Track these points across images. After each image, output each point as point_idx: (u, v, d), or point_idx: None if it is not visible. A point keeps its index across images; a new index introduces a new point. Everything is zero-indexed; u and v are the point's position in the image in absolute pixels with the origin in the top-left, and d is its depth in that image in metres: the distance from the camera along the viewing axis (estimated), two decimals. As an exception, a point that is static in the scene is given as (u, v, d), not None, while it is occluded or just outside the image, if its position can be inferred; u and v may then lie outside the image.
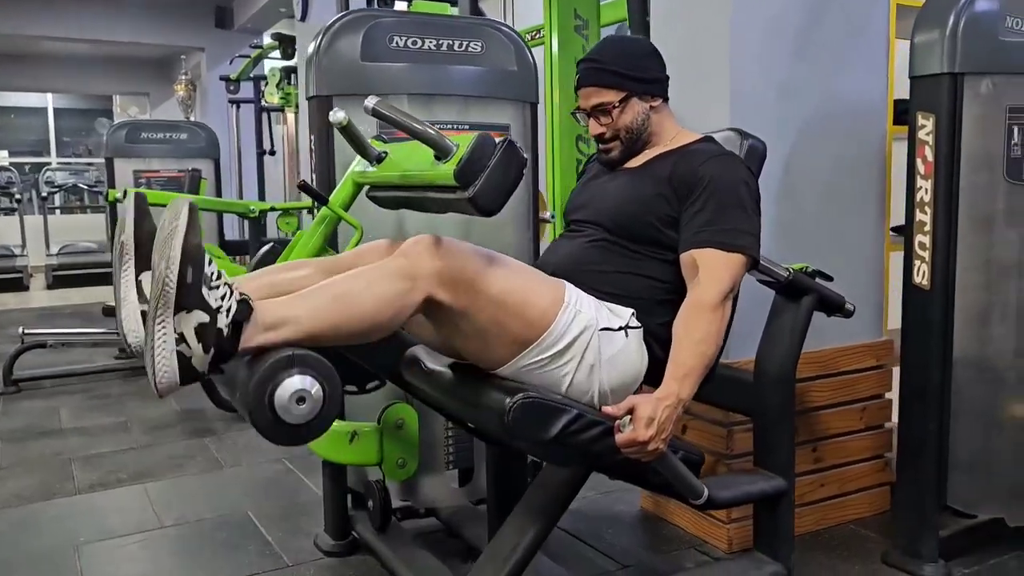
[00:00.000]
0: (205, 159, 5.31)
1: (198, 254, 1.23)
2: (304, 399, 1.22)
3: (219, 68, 8.03)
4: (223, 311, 1.24)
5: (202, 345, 1.22)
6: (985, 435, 2.14)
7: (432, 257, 1.38)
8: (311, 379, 1.23)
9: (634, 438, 1.38)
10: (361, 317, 1.35)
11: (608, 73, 1.69)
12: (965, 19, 1.99)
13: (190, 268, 1.20)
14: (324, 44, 2.19)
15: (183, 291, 1.20)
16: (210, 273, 1.24)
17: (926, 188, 2.06)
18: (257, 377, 1.22)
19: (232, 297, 1.26)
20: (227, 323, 1.25)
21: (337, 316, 1.34)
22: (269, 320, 1.30)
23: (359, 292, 1.35)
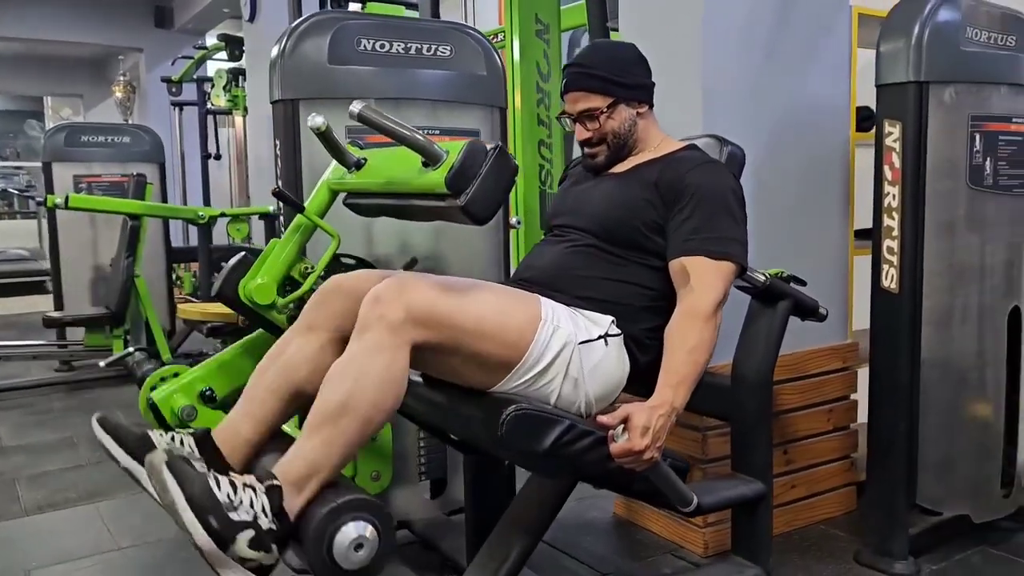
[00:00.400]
0: (149, 163, 5.13)
1: (207, 497, 1.21)
2: (362, 544, 1.25)
3: (159, 69, 7.79)
4: (261, 514, 1.24)
5: (263, 552, 1.23)
6: (950, 434, 2.19)
7: (397, 306, 1.35)
8: (363, 523, 1.26)
9: (630, 448, 1.37)
10: (372, 415, 1.35)
11: (596, 79, 1.68)
12: (929, 29, 2.03)
13: (210, 517, 1.20)
14: (289, 46, 2.13)
15: (218, 536, 1.20)
16: (226, 497, 1.23)
17: (893, 194, 2.09)
18: (312, 536, 1.24)
19: (260, 494, 1.26)
20: (271, 520, 1.25)
21: (351, 431, 1.33)
22: (297, 478, 1.30)
23: (356, 393, 1.33)
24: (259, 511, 1.24)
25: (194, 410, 1.90)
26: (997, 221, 2.17)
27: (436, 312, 1.37)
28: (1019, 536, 2.35)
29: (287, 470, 1.30)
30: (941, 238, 2.12)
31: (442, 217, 1.41)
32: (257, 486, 1.27)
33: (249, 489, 1.25)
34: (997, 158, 2.14)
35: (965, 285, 2.16)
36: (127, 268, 4.43)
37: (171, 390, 1.93)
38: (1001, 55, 2.16)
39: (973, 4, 2.13)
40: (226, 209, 4.95)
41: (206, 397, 1.92)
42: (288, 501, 1.27)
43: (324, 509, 1.26)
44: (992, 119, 2.13)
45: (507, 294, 1.53)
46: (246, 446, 1.49)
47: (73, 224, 4.94)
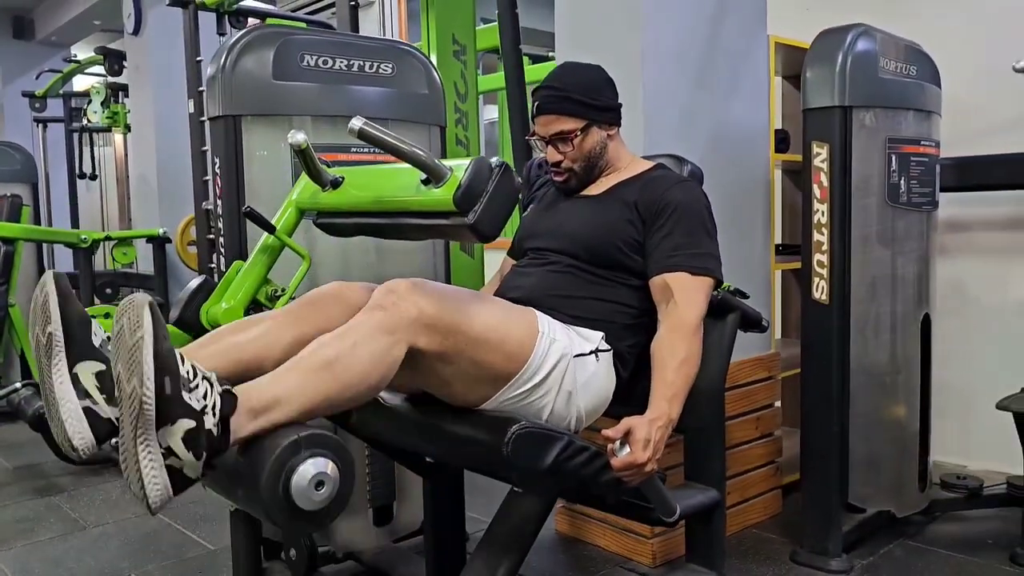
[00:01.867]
0: (21, 183, 4.74)
1: (171, 360, 1.12)
2: (323, 482, 1.16)
3: (19, 83, 7.24)
4: (208, 411, 1.14)
5: (193, 453, 1.12)
6: (875, 436, 2.34)
7: (410, 304, 1.32)
8: (324, 459, 1.16)
9: (632, 461, 1.38)
10: (352, 384, 1.28)
11: (571, 101, 1.69)
12: (851, 58, 2.19)
13: (167, 379, 1.10)
14: (230, 61, 2.05)
15: (163, 405, 1.10)
16: (186, 373, 1.13)
17: (822, 211, 2.23)
18: (268, 470, 1.13)
19: (214, 391, 1.16)
20: (215, 422, 1.14)
21: (329, 386, 1.25)
22: (257, 405, 1.20)
23: (347, 356, 1.27)
24: (209, 408, 1.14)
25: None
26: (910, 235, 2.36)
27: (444, 318, 1.34)
28: (931, 528, 2.53)
29: (250, 393, 1.20)
30: (865, 251, 2.28)
31: (443, 235, 1.39)
32: (215, 382, 1.17)
33: (206, 381, 1.16)
34: (910, 177, 2.33)
35: (884, 295, 2.32)
36: (0, 297, 4.08)
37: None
38: (909, 83, 2.35)
39: (885, 36, 2.31)
40: (111, 232, 4.64)
41: None
42: (236, 419, 1.17)
43: (284, 440, 1.15)
44: (905, 141, 2.32)
45: (508, 306, 1.53)
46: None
47: (-67, 249, 4.49)
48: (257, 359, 1.39)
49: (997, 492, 2.54)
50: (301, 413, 1.23)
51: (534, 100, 1.78)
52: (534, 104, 1.77)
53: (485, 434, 1.38)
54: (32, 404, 3.18)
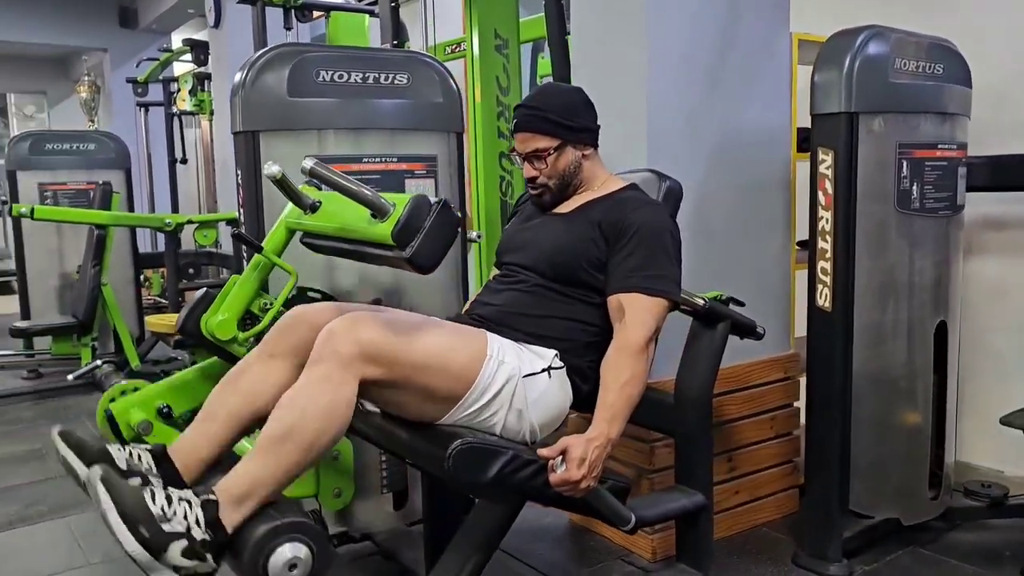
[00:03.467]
0: (115, 170, 5.15)
1: (140, 509, 1.30)
2: (295, 565, 1.34)
3: (124, 69, 7.76)
4: (194, 525, 1.32)
5: (197, 561, 1.31)
6: (881, 442, 2.33)
7: (347, 343, 1.44)
8: (298, 544, 1.34)
9: (567, 478, 1.47)
10: (314, 443, 1.43)
11: (546, 121, 1.77)
12: (859, 62, 2.15)
13: (140, 527, 1.28)
14: (250, 79, 2.20)
15: (151, 546, 1.28)
16: (160, 509, 1.31)
17: (827, 218, 2.22)
18: (248, 554, 1.32)
19: (196, 507, 1.34)
20: (203, 533, 1.33)
21: (292, 456, 1.41)
22: (238, 495, 1.38)
23: (299, 422, 1.42)
24: (192, 523, 1.32)
25: (150, 425, 1.96)
26: (924, 241, 2.31)
27: (386, 349, 1.46)
28: (948, 536, 2.49)
29: (228, 487, 1.39)
30: (872, 258, 2.25)
31: (390, 264, 1.50)
32: (193, 500, 1.35)
33: (184, 503, 1.34)
34: (924, 183, 2.27)
35: (895, 302, 2.29)
36: (94, 277, 4.46)
37: (129, 404, 1.98)
38: (927, 85, 2.28)
39: (901, 36, 2.24)
40: (193, 216, 4.97)
41: (163, 413, 1.99)
42: (226, 515, 1.35)
43: (262, 528, 1.34)
44: (919, 146, 2.26)
45: (455, 332, 1.63)
46: (201, 464, 1.58)
47: (39, 232, 4.95)
48: (255, 409, 1.59)
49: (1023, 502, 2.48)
50: (277, 487, 1.41)
51: (513, 118, 1.86)
52: (513, 121, 1.86)
53: (431, 449, 1.50)
54: (111, 379, 3.52)
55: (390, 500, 2.47)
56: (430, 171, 2.42)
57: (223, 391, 1.64)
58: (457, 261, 2.43)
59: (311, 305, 1.64)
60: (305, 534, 1.36)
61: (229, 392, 1.62)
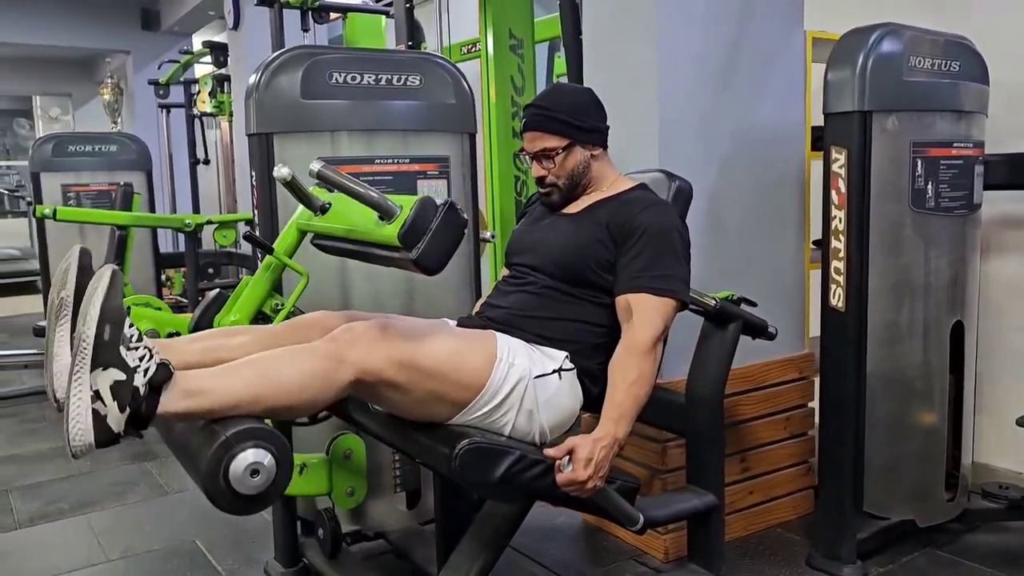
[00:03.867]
0: (136, 171, 5.22)
1: (117, 314, 1.25)
2: (258, 471, 1.28)
3: (147, 71, 7.84)
4: (140, 371, 1.26)
5: (117, 404, 1.23)
6: (896, 443, 2.31)
7: (362, 347, 1.44)
8: (263, 451, 1.28)
9: (573, 478, 1.48)
10: (284, 391, 1.40)
11: (555, 121, 1.78)
12: (872, 60, 2.13)
13: (108, 326, 1.23)
14: (263, 81, 2.22)
15: (100, 349, 1.22)
16: (129, 334, 1.27)
17: (840, 217, 2.20)
18: (212, 451, 1.26)
19: (152, 360, 1.28)
20: (144, 382, 1.26)
21: (259, 388, 1.37)
22: (191, 387, 1.33)
23: (282, 367, 1.40)
24: (142, 368, 1.25)
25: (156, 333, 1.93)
26: (939, 240, 2.28)
27: (396, 355, 1.47)
28: (966, 538, 2.47)
29: (188, 377, 1.33)
30: (886, 258, 2.23)
31: (397, 266, 1.51)
32: (155, 353, 1.29)
33: (147, 350, 1.27)
34: (939, 181, 2.25)
35: (910, 302, 2.27)
36: (115, 277, 4.51)
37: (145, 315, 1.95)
38: (943, 83, 2.26)
39: (916, 34, 2.22)
40: (212, 216, 5.02)
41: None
42: (168, 394, 1.29)
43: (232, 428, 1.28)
44: (934, 144, 2.24)
45: (464, 336, 1.64)
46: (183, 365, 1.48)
47: (62, 232, 5.01)
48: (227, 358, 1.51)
49: (1042, 504, 2.45)
50: (227, 406, 1.34)
51: (523, 118, 1.87)
52: (522, 121, 1.86)
53: (439, 448, 1.51)
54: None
55: (403, 499, 2.49)
56: (442, 172, 2.43)
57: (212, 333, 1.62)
58: (470, 262, 2.44)
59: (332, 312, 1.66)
60: (268, 440, 1.29)
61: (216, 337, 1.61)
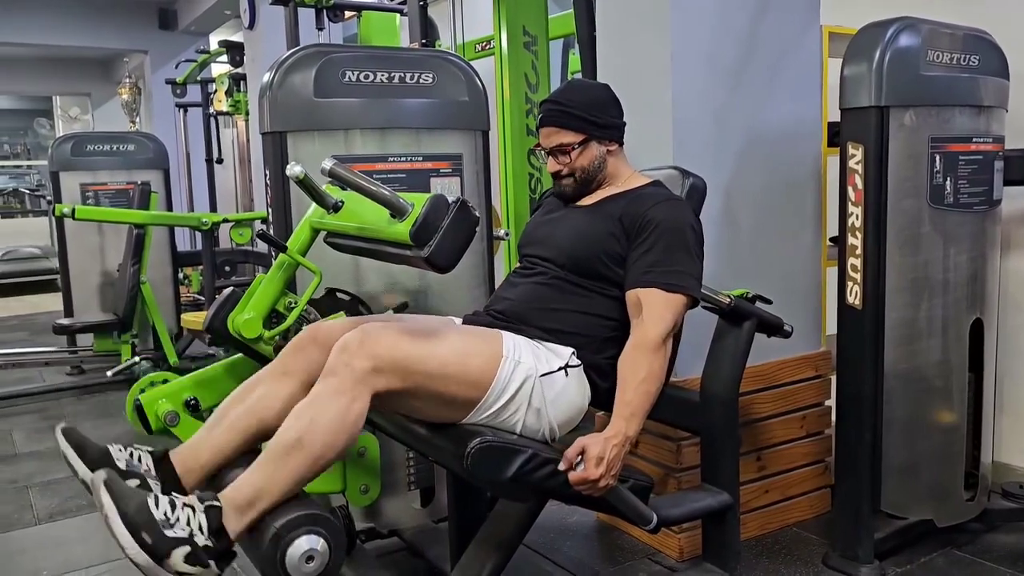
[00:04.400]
0: (154, 170, 5.25)
1: (143, 514, 1.31)
2: (313, 557, 1.35)
3: (164, 71, 7.91)
4: (197, 532, 1.33)
5: (199, 567, 1.31)
6: (914, 442, 2.28)
7: (362, 358, 1.45)
8: (315, 536, 1.36)
9: (585, 476, 1.47)
10: (321, 454, 1.44)
11: (571, 116, 1.78)
12: (890, 55, 2.11)
13: (143, 533, 1.29)
14: (277, 80, 2.23)
15: (153, 551, 1.28)
16: (163, 515, 1.32)
17: (857, 214, 2.18)
18: (266, 547, 1.34)
19: (198, 513, 1.35)
20: (207, 538, 1.33)
21: (299, 466, 1.42)
22: (242, 503, 1.39)
23: (309, 433, 1.42)
24: (195, 529, 1.33)
25: (177, 416, 1.97)
26: (958, 237, 2.25)
27: (400, 360, 1.47)
28: (985, 538, 2.44)
29: (234, 495, 1.40)
30: (904, 255, 2.21)
31: (409, 264, 1.51)
32: (197, 506, 1.36)
33: (188, 508, 1.35)
34: (958, 177, 2.22)
35: (928, 299, 2.25)
36: (133, 275, 4.56)
37: (158, 395, 2.00)
38: (962, 77, 2.23)
39: (934, 27, 2.20)
40: (228, 215, 5.05)
41: (190, 406, 2.00)
42: (229, 522, 1.37)
43: (279, 522, 1.36)
44: (952, 140, 2.21)
45: (470, 335, 1.64)
46: (201, 471, 1.59)
47: (81, 231, 5.07)
48: (262, 422, 1.60)
49: (1063, 504, 2.41)
50: (281, 496, 1.41)
51: (539, 113, 1.86)
52: (538, 116, 1.86)
53: (451, 448, 1.51)
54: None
55: (417, 497, 2.49)
56: (455, 170, 2.42)
57: (232, 402, 1.66)
58: (483, 260, 2.44)
59: (323, 322, 1.66)
60: (321, 526, 1.37)
61: (237, 403, 1.65)
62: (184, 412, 1.98)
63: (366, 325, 1.50)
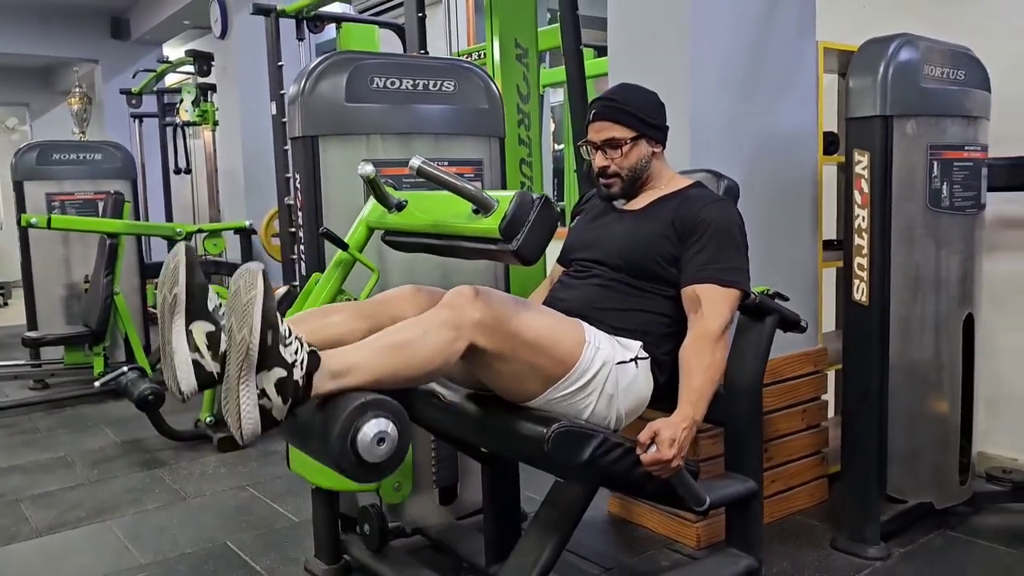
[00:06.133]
0: (121, 180, 5.15)
1: (274, 318, 1.36)
2: (384, 439, 1.36)
3: (117, 80, 7.73)
4: (297, 364, 1.37)
5: (281, 397, 1.35)
6: (915, 431, 2.44)
7: (474, 308, 1.51)
8: (386, 420, 1.37)
9: (659, 457, 1.56)
10: (417, 364, 1.49)
11: (625, 112, 1.87)
12: (893, 68, 2.27)
13: (270, 332, 1.34)
14: (308, 86, 2.26)
15: (265, 354, 1.33)
16: (284, 332, 1.37)
17: (863, 216, 2.33)
18: (339, 426, 1.34)
19: (303, 350, 1.39)
20: (302, 375, 1.37)
21: (397, 363, 1.47)
22: (336, 368, 1.42)
23: (416, 341, 1.48)
24: (298, 362, 1.36)
25: None
26: (952, 238, 2.43)
27: (503, 321, 1.54)
28: (974, 519, 2.61)
29: (332, 358, 1.43)
30: (905, 255, 2.36)
31: (491, 258, 1.57)
32: (304, 343, 1.40)
33: (298, 341, 1.39)
34: (952, 182, 2.40)
35: (926, 296, 2.41)
36: (106, 286, 4.48)
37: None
38: (953, 90, 2.41)
39: (929, 44, 2.37)
40: (203, 225, 5.01)
41: None
42: (318, 377, 1.40)
43: (353, 402, 1.37)
44: (948, 148, 2.38)
45: (559, 316, 1.72)
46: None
47: (46, 242, 4.95)
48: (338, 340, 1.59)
49: (1043, 486, 2.60)
50: (370, 381, 1.44)
51: (591, 109, 1.95)
52: (590, 113, 1.94)
53: (529, 430, 1.57)
54: (138, 386, 3.52)
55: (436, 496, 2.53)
56: (477, 174, 2.49)
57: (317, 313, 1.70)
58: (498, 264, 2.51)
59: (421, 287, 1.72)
60: (390, 411, 1.38)
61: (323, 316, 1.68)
62: None
63: (479, 289, 1.55)
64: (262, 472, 3.31)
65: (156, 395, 3.46)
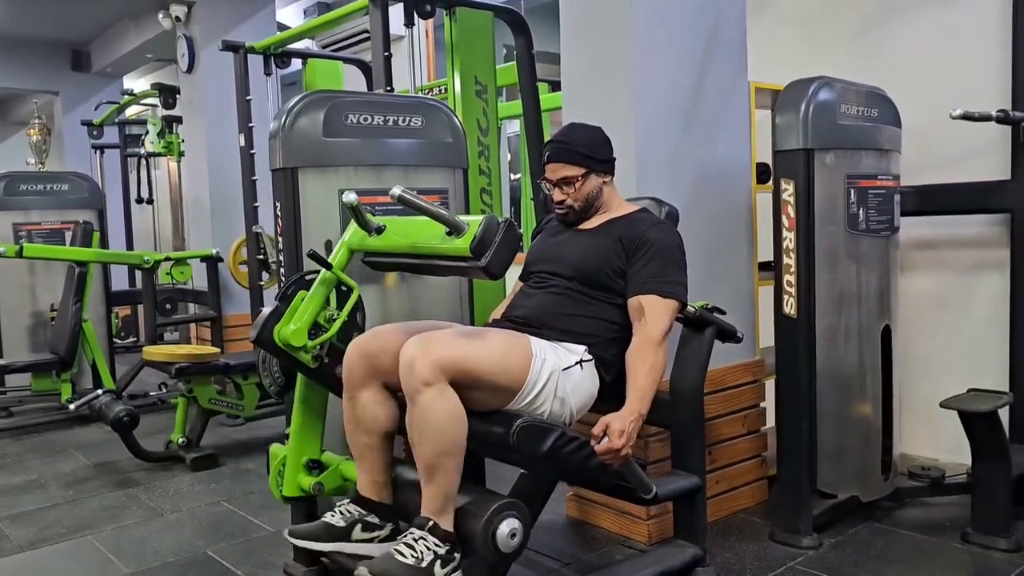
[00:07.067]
0: (88, 209, 5.26)
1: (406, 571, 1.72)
2: (515, 533, 1.75)
3: (77, 112, 7.81)
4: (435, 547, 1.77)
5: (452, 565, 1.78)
6: (841, 431, 2.70)
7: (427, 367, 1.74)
8: (512, 518, 1.75)
9: (611, 447, 1.78)
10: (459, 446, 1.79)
11: (574, 153, 2.13)
12: (813, 107, 2.56)
13: None
14: (289, 122, 2.47)
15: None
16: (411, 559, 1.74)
17: (790, 238, 2.60)
18: (480, 533, 1.75)
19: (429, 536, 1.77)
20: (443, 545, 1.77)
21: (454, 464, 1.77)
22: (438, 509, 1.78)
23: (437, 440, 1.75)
24: (433, 547, 1.73)
25: (320, 485, 2.22)
26: (870, 257, 2.72)
27: (458, 361, 1.76)
28: (897, 512, 2.88)
29: (431, 507, 1.77)
30: (829, 272, 2.64)
31: (462, 273, 1.79)
32: (423, 534, 1.75)
33: (421, 540, 1.74)
34: (868, 208, 2.69)
35: (848, 309, 2.69)
36: (75, 314, 4.58)
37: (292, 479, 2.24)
38: (867, 126, 2.71)
39: (845, 85, 2.67)
40: (170, 253, 5.12)
41: (313, 466, 2.25)
42: (444, 524, 1.76)
43: (485, 512, 1.76)
44: (863, 177, 2.68)
45: (507, 337, 1.94)
46: (386, 487, 2.03)
47: (11, 272, 5.02)
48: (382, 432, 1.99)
49: (958, 481, 2.88)
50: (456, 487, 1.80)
51: (545, 151, 2.20)
52: (545, 154, 2.19)
53: (497, 428, 1.79)
54: (112, 408, 3.64)
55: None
56: (443, 202, 2.71)
57: (353, 433, 2.01)
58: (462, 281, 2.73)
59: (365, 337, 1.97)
60: (515, 510, 1.78)
61: (358, 432, 1.99)
62: (314, 475, 2.23)
63: (423, 335, 1.77)
64: (236, 488, 3.45)
65: (131, 416, 3.58)
